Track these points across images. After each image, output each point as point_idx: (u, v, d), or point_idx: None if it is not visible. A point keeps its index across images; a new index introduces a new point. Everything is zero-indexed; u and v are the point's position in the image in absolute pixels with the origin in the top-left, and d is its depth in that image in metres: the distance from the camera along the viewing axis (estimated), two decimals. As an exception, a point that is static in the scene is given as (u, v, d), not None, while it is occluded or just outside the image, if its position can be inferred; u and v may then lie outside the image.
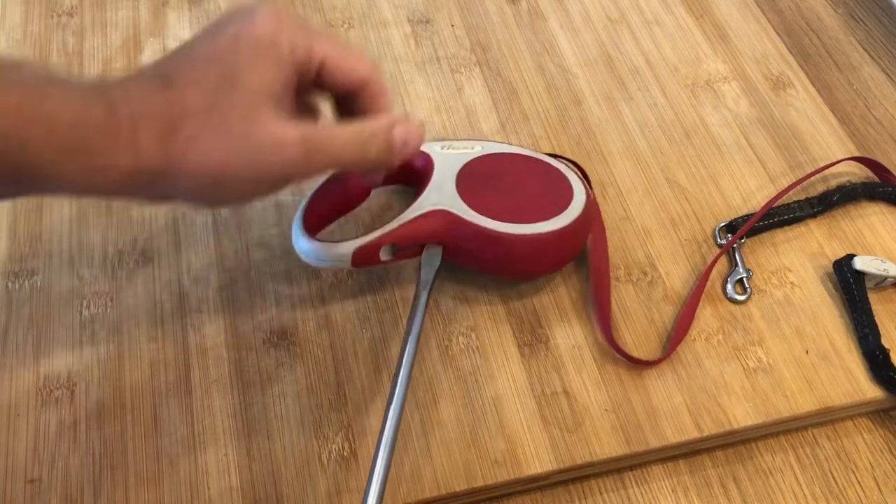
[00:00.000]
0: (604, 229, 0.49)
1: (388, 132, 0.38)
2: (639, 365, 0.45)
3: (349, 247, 0.43)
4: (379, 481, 0.36)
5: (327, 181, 0.46)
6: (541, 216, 0.45)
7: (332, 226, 0.48)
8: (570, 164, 0.49)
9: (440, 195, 0.45)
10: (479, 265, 0.47)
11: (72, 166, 0.31)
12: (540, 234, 0.44)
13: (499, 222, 0.44)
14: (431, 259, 0.45)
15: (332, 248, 0.44)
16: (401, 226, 0.44)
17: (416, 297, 0.43)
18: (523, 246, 0.44)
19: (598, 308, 0.46)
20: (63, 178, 0.31)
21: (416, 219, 0.44)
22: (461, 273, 0.48)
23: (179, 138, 0.32)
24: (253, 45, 0.34)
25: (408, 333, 0.42)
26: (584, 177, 0.49)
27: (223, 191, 0.35)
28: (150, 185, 0.33)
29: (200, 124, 0.33)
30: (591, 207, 0.47)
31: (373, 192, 0.49)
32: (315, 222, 0.45)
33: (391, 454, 0.37)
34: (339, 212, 0.48)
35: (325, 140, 0.36)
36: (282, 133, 0.34)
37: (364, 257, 0.44)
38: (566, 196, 0.46)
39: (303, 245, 0.44)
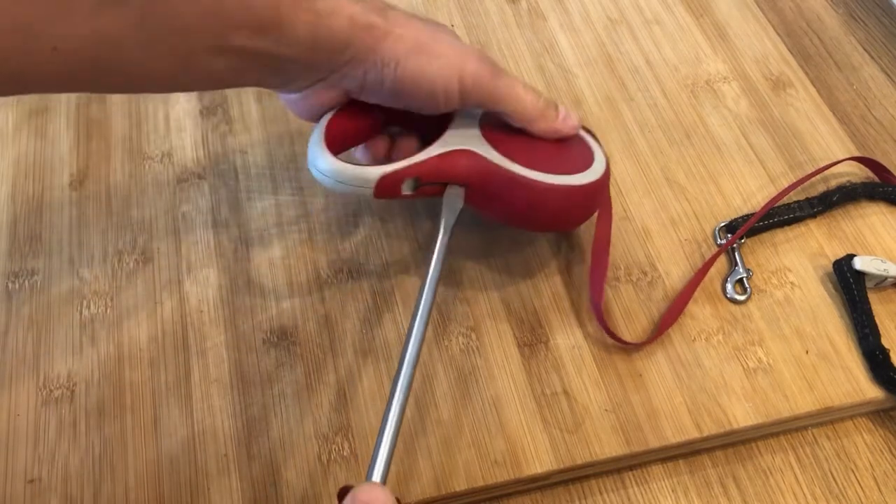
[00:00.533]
0: (610, 203, 0.48)
1: (555, 103, 0.45)
2: (627, 346, 0.45)
3: (376, 172, 0.42)
4: (390, 437, 0.35)
5: (345, 107, 0.44)
6: (566, 170, 0.44)
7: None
8: (588, 131, 0.49)
9: (465, 136, 0.44)
10: (498, 212, 0.46)
11: (305, 8, 0.38)
12: (567, 186, 0.43)
13: (526, 169, 0.43)
14: (453, 201, 0.43)
15: (357, 170, 0.42)
16: (429, 159, 0.43)
17: (436, 241, 0.42)
18: (550, 195, 0.43)
19: (593, 287, 0.46)
20: (299, 22, 0.38)
21: (444, 154, 0.43)
22: (461, 273, 0.48)
23: (394, 15, 0.41)
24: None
25: (425, 280, 0.40)
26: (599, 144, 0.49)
27: (421, 64, 0.41)
28: (368, 34, 0.40)
29: (414, 26, 0.41)
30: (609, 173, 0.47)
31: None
32: (335, 143, 0.43)
33: (405, 404, 0.36)
34: (352, 140, 0.45)
35: (510, 75, 0.44)
36: (478, 49, 0.44)
37: (387, 187, 0.42)
38: (588, 157, 0.46)
39: (322, 164, 0.41)
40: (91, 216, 0.51)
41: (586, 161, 0.45)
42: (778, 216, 0.50)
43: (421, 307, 0.39)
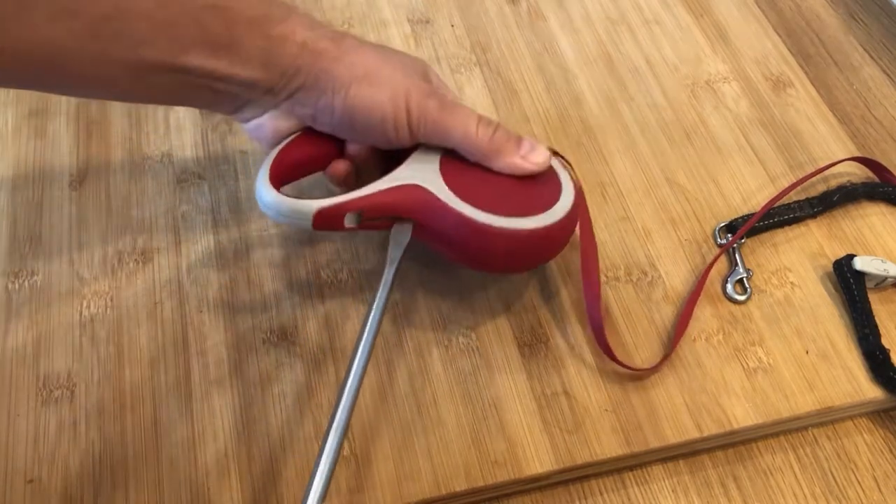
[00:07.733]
0: (591, 231, 0.47)
1: (516, 136, 0.44)
2: (638, 372, 0.45)
3: (312, 206, 0.41)
4: (329, 460, 0.35)
5: (300, 135, 0.44)
6: (523, 210, 0.42)
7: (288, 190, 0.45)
8: (560, 157, 0.47)
9: (421, 171, 0.43)
10: (447, 251, 0.44)
11: (259, 32, 0.39)
12: (520, 230, 0.41)
13: (479, 210, 0.41)
14: (400, 235, 0.42)
15: (295, 204, 0.41)
16: (372, 194, 0.42)
17: (383, 274, 0.41)
18: (500, 239, 0.41)
19: (591, 317, 0.45)
20: (252, 45, 0.39)
21: (389, 190, 0.42)
22: (461, 273, 0.48)
23: (347, 43, 0.41)
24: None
25: (369, 311, 0.39)
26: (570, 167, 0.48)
27: (371, 92, 0.41)
28: (319, 60, 0.40)
29: (366, 53, 0.42)
30: (578, 204, 0.45)
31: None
32: (282, 174, 0.43)
33: (344, 435, 0.36)
34: (307, 168, 0.45)
35: (462, 106, 0.43)
36: (427, 85, 0.43)
37: (327, 220, 0.41)
38: (554, 193, 0.44)
39: (265, 196, 0.41)
40: (91, 216, 0.51)
41: (549, 198, 0.43)
42: (778, 216, 0.50)
43: (362, 343, 0.38)
